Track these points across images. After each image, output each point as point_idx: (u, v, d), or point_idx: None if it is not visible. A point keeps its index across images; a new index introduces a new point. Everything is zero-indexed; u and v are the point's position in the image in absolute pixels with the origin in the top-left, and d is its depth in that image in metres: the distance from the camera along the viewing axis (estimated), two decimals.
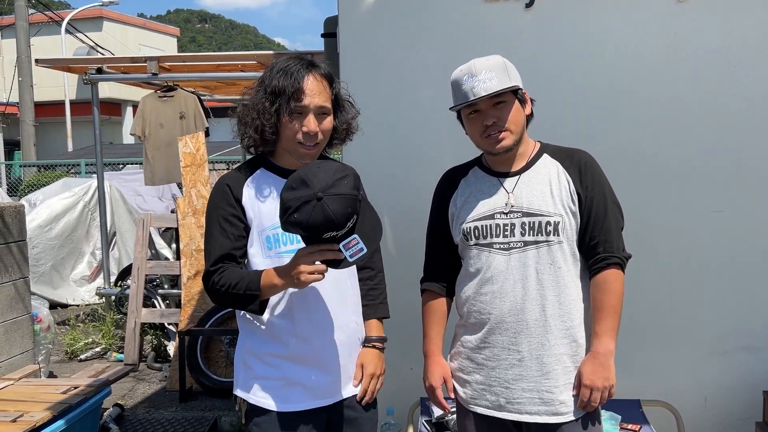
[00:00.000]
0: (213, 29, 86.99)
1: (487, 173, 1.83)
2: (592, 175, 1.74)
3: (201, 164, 4.65)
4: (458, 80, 1.72)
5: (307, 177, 1.53)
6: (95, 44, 18.25)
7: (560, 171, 1.75)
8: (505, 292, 1.72)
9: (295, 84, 1.69)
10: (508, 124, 1.70)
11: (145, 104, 5.43)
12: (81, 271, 6.85)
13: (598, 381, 1.66)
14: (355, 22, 2.67)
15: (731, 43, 2.50)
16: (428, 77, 2.60)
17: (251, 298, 1.66)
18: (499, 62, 1.71)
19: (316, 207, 1.49)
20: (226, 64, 4.91)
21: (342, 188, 1.53)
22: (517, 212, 1.73)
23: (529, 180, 1.76)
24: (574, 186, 1.73)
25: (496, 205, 1.76)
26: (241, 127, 1.77)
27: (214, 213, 1.76)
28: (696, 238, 2.57)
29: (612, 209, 1.75)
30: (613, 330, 1.69)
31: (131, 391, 4.34)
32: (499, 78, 1.67)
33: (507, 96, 1.70)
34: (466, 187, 1.84)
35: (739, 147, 2.53)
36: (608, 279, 1.71)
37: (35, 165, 13.49)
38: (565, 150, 1.80)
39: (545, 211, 1.71)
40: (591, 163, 1.77)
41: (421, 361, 2.72)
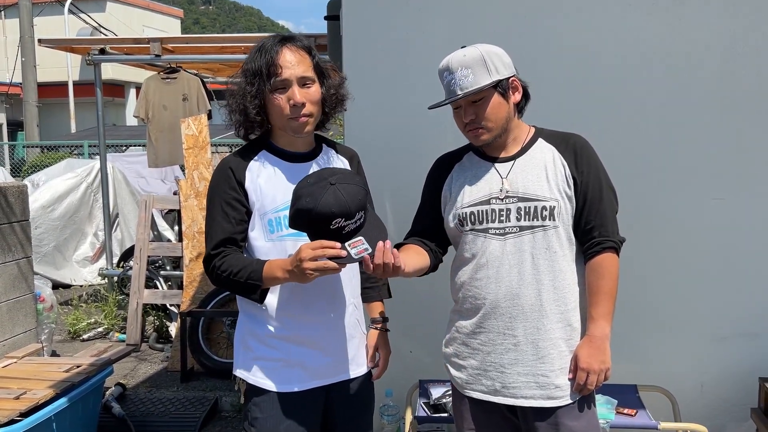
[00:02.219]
0: (217, 11, 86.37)
1: (481, 158, 1.82)
2: (587, 159, 1.74)
3: (203, 146, 4.66)
4: (440, 74, 1.73)
5: (320, 172, 1.61)
6: (98, 25, 18.15)
7: (555, 155, 1.74)
8: (501, 277, 1.72)
9: (270, 60, 1.69)
10: (485, 122, 1.70)
11: (149, 86, 5.42)
12: (83, 251, 6.89)
13: (595, 364, 1.68)
14: (359, 5, 2.66)
15: (731, 33, 2.49)
16: (432, 59, 2.48)
17: (252, 288, 1.67)
18: (477, 56, 1.68)
19: (328, 190, 1.52)
20: (229, 46, 4.90)
21: (354, 180, 1.59)
22: (513, 197, 1.72)
23: (524, 165, 1.75)
24: (569, 170, 1.72)
25: (491, 190, 1.75)
26: (231, 116, 1.77)
27: (216, 196, 1.76)
28: (696, 224, 2.58)
29: (607, 193, 1.75)
30: (608, 314, 1.70)
31: (133, 371, 4.39)
32: (476, 75, 1.66)
33: (486, 92, 1.68)
34: (461, 172, 1.83)
35: (740, 134, 2.53)
36: (603, 263, 1.71)
37: (38, 146, 13.48)
38: (560, 134, 1.80)
39: (541, 196, 1.71)
40: (586, 147, 1.76)
41: (420, 343, 2.76)
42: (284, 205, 1.75)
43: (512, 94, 1.73)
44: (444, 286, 2.47)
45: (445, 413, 2.44)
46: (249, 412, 1.79)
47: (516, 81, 1.75)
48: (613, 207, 1.76)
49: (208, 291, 4.35)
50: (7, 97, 17.60)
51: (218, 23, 76.84)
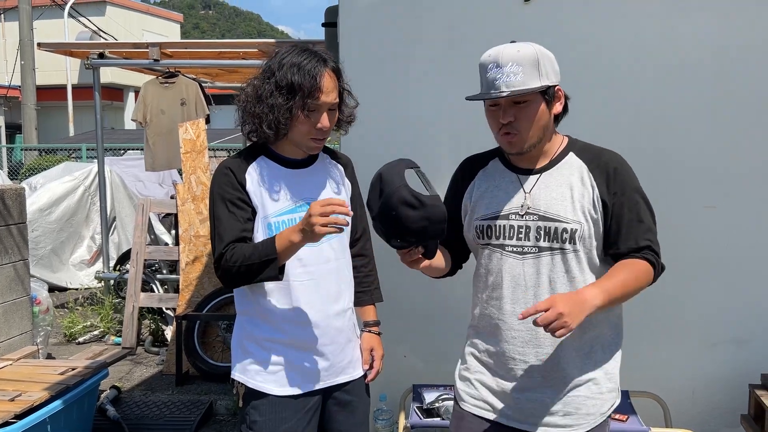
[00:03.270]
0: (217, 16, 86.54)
1: (507, 167, 1.70)
2: (622, 180, 1.59)
3: (201, 151, 4.67)
4: (484, 65, 1.57)
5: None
6: (98, 29, 18.18)
7: (584, 173, 1.61)
8: (517, 298, 1.62)
9: (312, 82, 1.68)
10: (523, 128, 1.57)
11: (147, 90, 5.44)
12: (80, 255, 6.89)
13: (570, 315, 1.41)
14: (356, 12, 2.69)
15: (727, 41, 2.52)
16: (428, 67, 2.62)
17: (268, 264, 1.64)
18: (531, 55, 1.53)
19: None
20: (227, 52, 4.92)
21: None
22: (534, 215, 1.60)
23: (549, 181, 1.62)
24: (599, 191, 1.59)
25: (512, 204, 1.64)
26: (248, 118, 1.75)
27: (219, 197, 1.75)
28: (688, 232, 2.60)
29: (647, 216, 1.61)
30: (609, 292, 1.49)
31: (128, 374, 4.39)
32: (526, 74, 1.51)
33: (532, 96, 1.55)
34: (484, 180, 1.73)
35: (733, 143, 2.55)
36: (634, 262, 1.57)
37: (36, 149, 13.50)
38: (594, 149, 1.66)
39: (563, 217, 1.58)
40: (621, 167, 1.61)
41: (414, 349, 2.78)
42: (284, 210, 1.77)
43: (555, 103, 1.61)
44: (437, 292, 2.52)
45: (438, 417, 2.45)
46: (247, 416, 1.80)
47: (561, 91, 1.63)
48: (653, 229, 1.63)
49: (204, 295, 4.37)
50: (6, 100, 17.61)
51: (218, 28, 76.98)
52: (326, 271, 1.80)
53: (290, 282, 1.77)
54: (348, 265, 1.89)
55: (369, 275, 2.00)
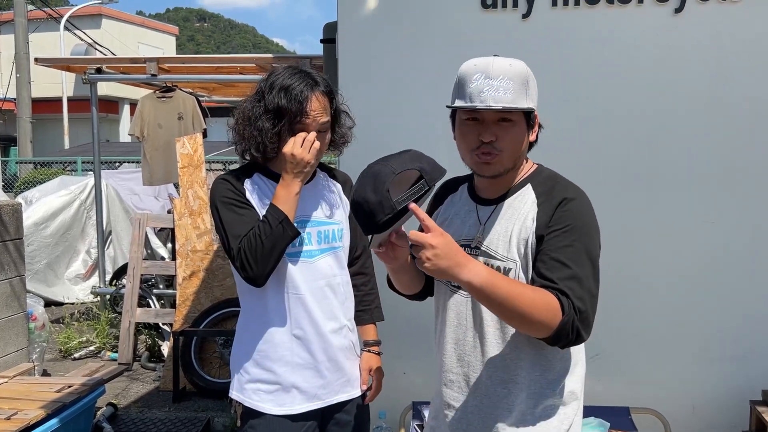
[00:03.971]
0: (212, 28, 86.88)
1: (470, 195, 1.59)
2: (564, 215, 1.40)
3: (198, 165, 4.67)
4: (467, 76, 1.42)
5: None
6: (93, 41, 18.23)
7: (532, 209, 1.45)
8: (458, 339, 1.51)
9: (298, 106, 1.70)
10: (507, 149, 1.43)
11: (144, 105, 5.45)
12: (76, 269, 6.86)
13: (436, 255, 1.28)
14: (354, 29, 2.70)
15: (722, 54, 2.54)
16: (426, 85, 2.63)
17: (282, 224, 1.67)
18: (522, 72, 1.42)
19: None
20: (225, 67, 4.93)
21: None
22: (481, 250, 1.48)
23: (501, 213, 1.49)
24: (537, 225, 1.41)
25: (467, 236, 1.52)
26: (239, 139, 1.78)
27: (223, 203, 1.76)
28: (687, 246, 2.60)
29: (578, 264, 1.36)
30: (492, 282, 1.30)
31: (125, 391, 4.35)
32: (516, 91, 1.39)
33: (517, 116, 1.43)
34: (450, 206, 1.63)
35: (730, 157, 2.56)
36: (542, 289, 1.34)
37: (31, 162, 13.47)
38: (553, 181, 1.49)
39: (499, 254, 1.45)
40: (572, 202, 1.42)
41: (414, 365, 2.77)
42: None
43: (532, 130, 1.50)
44: None
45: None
46: None
47: (538, 118, 1.51)
48: (580, 281, 1.35)
49: (201, 310, 4.34)
50: (1, 113, 17.59)
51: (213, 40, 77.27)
52: (322, 288, 1.80)
53: (287, 298, 1.76)
54: (346, 282, 1.89)
55: (369, 294, 2.00)
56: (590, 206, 1.46)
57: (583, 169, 1.95)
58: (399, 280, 1.64)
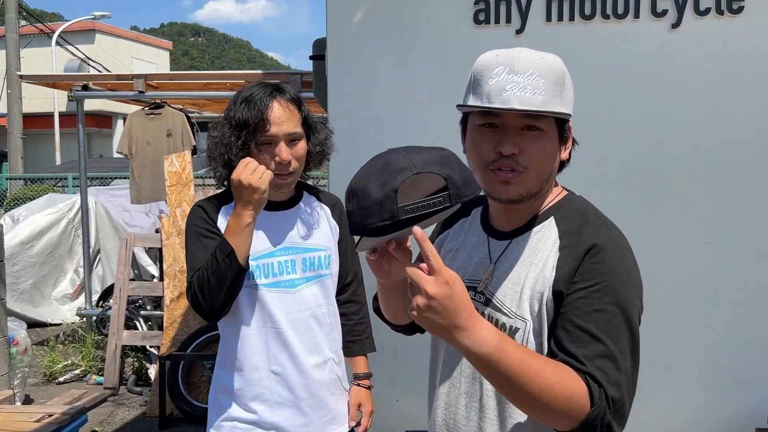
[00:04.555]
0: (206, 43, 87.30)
1: (481, 224, 1.29)
2: (595, 268, 1.09)
3: (186, 183, 4.58)
4: (486, 69, 1.12)
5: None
6: (86, 57, 18.17)
7: (552, 250, 1.15)
8: (449, 404, 1.24)
9: (258, 114, 1.62)
10: (532, 166, 1.12)
11: (132, 122, 5.36)
12: (63, 288, 6.73)
13: (433, 308, 0.98)
14: (343, 46, 2.62)
15: (720, 70, 2.47)
16: (418, 103, 2.56)
17: (229, 258, 1.55)
18: (557, 68, 1.13)
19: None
20: (214, 83, 4.86)
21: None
22: (487, 297, 1.20)
23: (515, 253, 1.19)
24: (557, 278, 1.11)
25: (474, 275, 1.24)
26: (211, 162, 1.71)
27: (192, 232, 1.70)
28: (687, 269, 2.52)
29: (612, 338, 1.07)
30: (504, 354, 0.99)
31: (110, 416, 4.23)
32: (549, 92, 1.09)
33: (547, 123, 1.12)
34: (459, 233, 1.34)
35: (730, 178, 2.49)
36: (566, 368, 1.04)
37: (22, 178, 13.35)
38: (582, 217, 1.18)
39: (506, 308, 1.16)
40: (604, 251, 1.10)
41: (408, 392, 2.67)
42: (260, 254, 1.68)
43: (566, 144, 1.20)
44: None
45: None
46: None
47: (572, 131, 1.21)
48: (615, 359, 1.09)
49: (189, 333, 4.23)
50: None
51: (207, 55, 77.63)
52: (305, 319, 1.71)
53: (265, 332, 1.68)
54: (332, 312, 1.79)
55: (360, 323, 1.91)
56: (629, 254, 1.14)
57: (575, 190, 1.86)
58: (388, 303, 1.30)
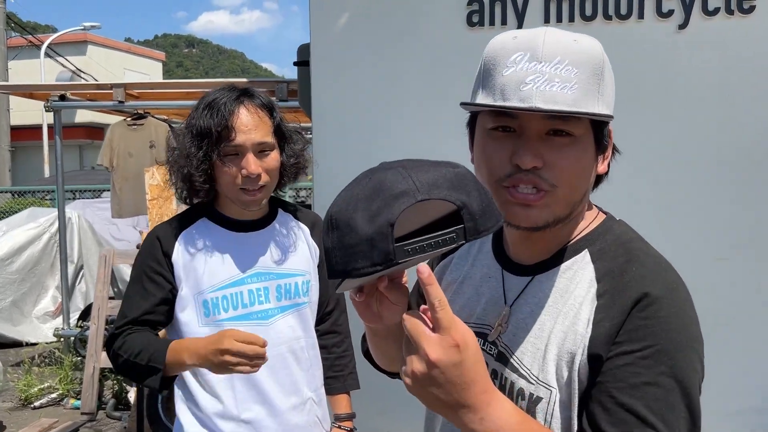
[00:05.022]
0: (201, 54, 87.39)
1: (493, 251, 1.02)
2: (651, 332, 0.82)
3: (168, 197, 4.39)
4: (500, 57, 0.87)
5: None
6: (77, 69, 18.00)
7: (588, 296, 0.88)
8: None
9: (222, 121, 1.42)
10: (561, 183, 0.87)
11: (114, 133, 5.18)
12: (44, 306, 6.50)
13: (434, 379, 0.74)
14: (328, 51, 2.47)
15: (731, 73, 2.30)
16: (409, 108, 2.40)
17: (152, 372, 1.38)
18: (595, 55, 0.86)
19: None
20: (197, 92, 4.66)
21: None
22: (501, 350, 0.93)
23: (535, 295, 0.92)
24: (594, 337, 0.84)
25: (485, 318, 0.97)
26: (171, 175, 1.51)
27: (137, 268, 1.52)
28: (697, 287, 2.33)
29: (673, 408, 0.81)
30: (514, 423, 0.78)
31: None
32: (584, 86, 0.84)
33: (581, 126, 0.87)
34: (464, 262, 1.06)
35: (741, 189, 2.31)
36: None
37: (9, 191, 13.14)
38: (626, 255, 0.90)
39: (525, 370, 0.89)
40: (663, 310, 0.84)
41: (399, 425, 2.48)
42: (226, 283, 1.49)
43: (604, 155, 0.95)
44: None
45: None
46: None
47: (612, 135, 0.96)
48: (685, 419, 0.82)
49: None
50: None
51: (201, 66, 77.67)
52: (281, 355, 1.51)
53: (232, 375, 1.47)
54: (311, 346, 1.60)
55: (343, 356, 1.70)
56: (688, 306, 0.87)
57: None
58: (382, 350, 1.05)
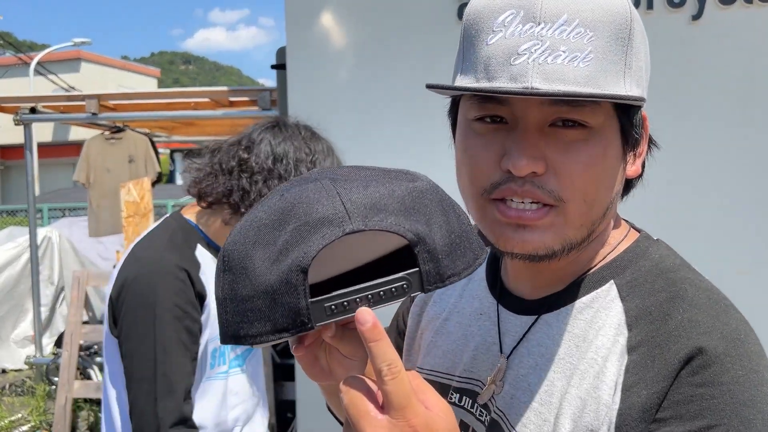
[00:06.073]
0: (197, 71, 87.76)
1: (487, 280, 0.80)
2: (710, 404, 0.59)
3: (145, 214, 4.14)
4: (485, 19, 0.64)
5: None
6: (69, 87, 17.84)
7: (615, 350, 0.65)
8: None
9: None
10: (572, 195, 0.65)
11: (90, 147, 4.94)
12: (23, 330, 6.23)
13: None
14: (304, 55, 2.30)
15: (750, 68, 2.07)
16: (393, 114, 2.22)
17: None
18: (620, 13, 0.64)
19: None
20: (177, 102, 4.43)
21: None
22: (495, 417, 0.71)
23: (542, 342, 0.70)
24: (629, 405, 0.62)
25: (474, 371, 0.75)
26: (256, 179, 1.27)
27: (170, 314, 1.15)
28: None
29: None
30: None
31: None
32: (602, 56, 0.62)
33: (600, 114, 0.64)
34: (452, 290, 0.82)
35: (763, 189, 2.09)
36: None
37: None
38: (669, 289, 0.68)
39: None
40: (725, 374, 0.61)
41: None
42: None
43: (637, 152, 0.73)
44: None
45: None
46: None
47: (647, 124, 0.74)
48: None
49: None
50: None
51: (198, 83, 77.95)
52: None
53: None
54: None
55: None
56: (762, 365, 0.63)
57: None
58: (340, 411, 0.82)
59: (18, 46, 17.68)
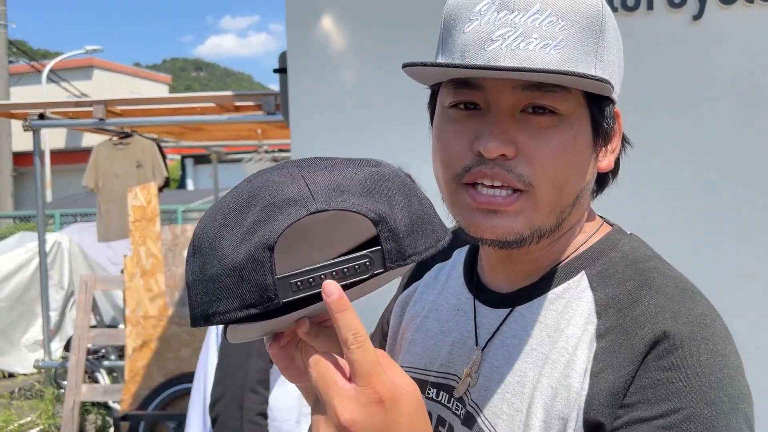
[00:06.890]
0: (208, 77, 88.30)
1: (464, 276, 0.81)
2: (675, 388, 0.60)
3: (152, 218, 4.16)
4: (462, 9, 0.66)
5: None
6: (81, 94, 18.01)
7: (585, 339, 0.66)
8: None
9: None
10: (541, 179, 0.65)
11: (99, 153, 4.98)
12: (34, 334, 6.28)
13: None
14: (305, 59, 2.31)
15: (753, 69, 2.06)
16: (391, 111, 2.21)
17: None
18: (591, 6, 0.65)
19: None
20: (183, 108, 4.46)
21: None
22: (468, 409, 0.71)
23: (515, 334, 0.71)
24: (593, 394, 0.63)
25: (444, 368, 0.76)
26: None
27: None
28: (723, 303, 2.08)
29: None
30: None
31: None
32: (573, 44, 0.63)
33: (570, 100, 0.65)
34: (430, 289, 0.84)
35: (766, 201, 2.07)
36: None
37: (10, 217, 13.06)
38: (638, 278, 0.69)
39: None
40: (692, 358, 0.62)
41: None
42: None
43: (609, 142, 0.72)
44: None
45: None
46: None
47: (620, 116, 0.73)
48: None
49: (153, 387, 3.76)
50: None
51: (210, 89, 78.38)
52: None
53: None
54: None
55: None
56: (728, 348, 0.65)
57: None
58: None
59: (32, 54, 17.85)
